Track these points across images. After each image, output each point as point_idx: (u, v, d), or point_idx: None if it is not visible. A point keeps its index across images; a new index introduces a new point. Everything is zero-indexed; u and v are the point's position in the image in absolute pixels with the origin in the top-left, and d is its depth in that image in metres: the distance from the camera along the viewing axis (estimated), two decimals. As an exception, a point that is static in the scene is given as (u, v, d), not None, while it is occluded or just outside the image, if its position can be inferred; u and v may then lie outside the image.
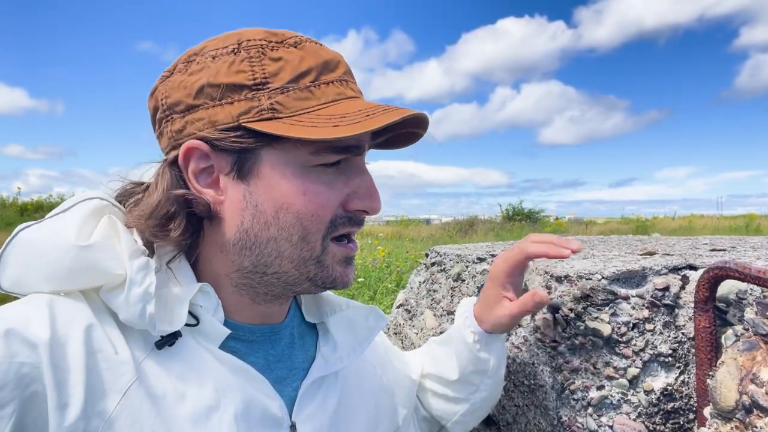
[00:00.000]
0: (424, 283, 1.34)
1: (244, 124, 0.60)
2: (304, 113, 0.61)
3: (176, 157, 0.64)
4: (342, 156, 0.64)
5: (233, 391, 0.62)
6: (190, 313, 0.62)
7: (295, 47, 0.64)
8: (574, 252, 0.78)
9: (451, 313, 1.19)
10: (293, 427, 0.67)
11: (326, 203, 0.63)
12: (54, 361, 0.53)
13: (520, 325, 0.94)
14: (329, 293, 0.82)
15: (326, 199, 0.63)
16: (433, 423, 0.96)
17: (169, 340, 0.60)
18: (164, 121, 0.66)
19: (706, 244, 1.15)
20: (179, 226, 0.63)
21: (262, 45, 0.63)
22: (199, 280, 0.66)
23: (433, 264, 1.32)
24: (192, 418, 0.58)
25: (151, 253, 0.64)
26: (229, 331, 0.64)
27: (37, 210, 14.83)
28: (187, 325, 0.61)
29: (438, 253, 1.31)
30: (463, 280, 1.17)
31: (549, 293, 0.90)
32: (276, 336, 0.72)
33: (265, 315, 0.71)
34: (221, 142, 0.62)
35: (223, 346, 0.65)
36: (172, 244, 0.64)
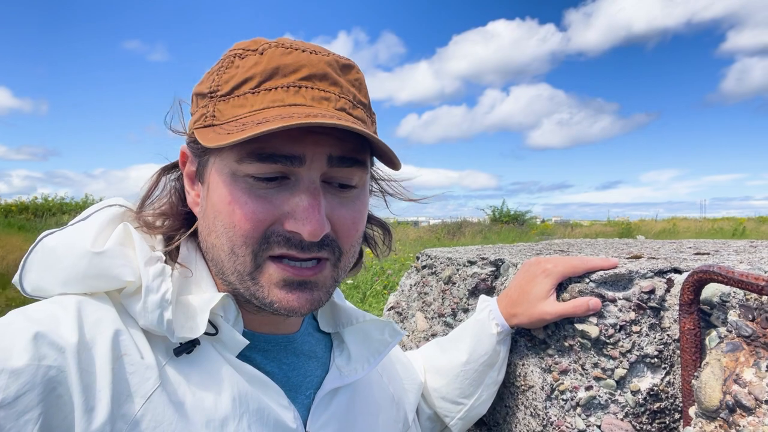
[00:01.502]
0: (415, 285, 1.35)
1: (193, 130, 0.63)
2: (233, 120, 0.59)
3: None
4: (270, 166, 0.58)
5: (249, 400, 0.62)
6: (210, 322, 0.62)
7: (261, 54, 0.61)
8: (615, 266, 0.87)
9: (442, 315, 1.20)
10: None
11: (249, 216, 0.59)
12: (81, 365, 0.53)
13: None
14: (348, 304, 0.82)
15: (250, 211, 0.59)
16: (436, 422, 0.97)
17: (187, 347, 0.60)
18: None
19: (690, 247, 1.18)
20: (172, 220, 0.67)
21: (236, 54, 0.63)
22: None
23: (424, 267, 1.33)
24: (208, 427, 0.58)
25: (171, 261, 0.64)
26: (247, 342, 0.64)
27: (21, 212, 14.59)
28: (206, 333, 0.61)
29: (429, 257, 1.32)
30: (454, 283, 1.18)
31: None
32: (291, 345, 0.72)
33: (278, 325, 0.71)
34: (189, 147, 0.66)
35: (240, 355, 0.65)
36: (168, 233, 0.67)
